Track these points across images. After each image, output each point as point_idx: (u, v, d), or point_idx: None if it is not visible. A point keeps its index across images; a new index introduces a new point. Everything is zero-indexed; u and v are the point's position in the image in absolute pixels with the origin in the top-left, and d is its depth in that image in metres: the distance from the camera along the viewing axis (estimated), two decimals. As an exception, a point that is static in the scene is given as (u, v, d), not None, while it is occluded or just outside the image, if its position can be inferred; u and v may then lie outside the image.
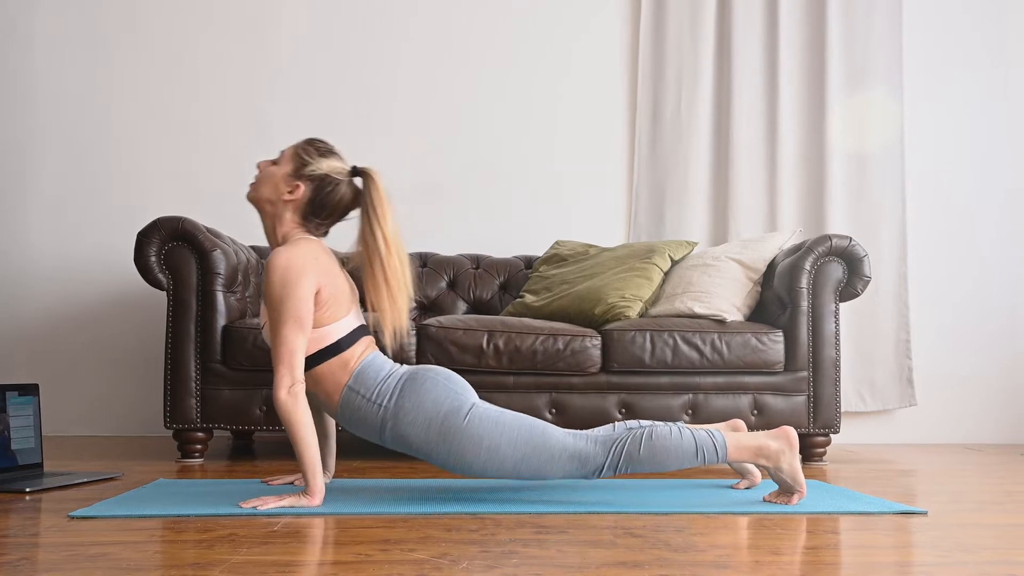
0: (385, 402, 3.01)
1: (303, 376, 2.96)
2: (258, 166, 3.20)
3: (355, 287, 3.16)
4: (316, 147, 3.16)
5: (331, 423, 3.38)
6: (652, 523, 2.74)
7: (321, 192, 3.11)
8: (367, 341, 3.13)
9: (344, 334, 3.06)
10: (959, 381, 5.52)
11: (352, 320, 3.10)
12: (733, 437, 3.03)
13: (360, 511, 2.84)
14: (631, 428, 3.01)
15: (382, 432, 3.03)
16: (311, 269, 2.98)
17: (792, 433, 3.06)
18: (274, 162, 3.17)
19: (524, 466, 2.98)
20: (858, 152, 5.44)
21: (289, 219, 3.13)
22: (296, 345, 2.94)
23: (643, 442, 2.96)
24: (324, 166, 3.12)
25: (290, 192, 3.10)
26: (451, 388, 3.03)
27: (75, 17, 5.34)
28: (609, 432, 3.02)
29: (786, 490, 3.09)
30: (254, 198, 3.17)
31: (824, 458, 4.39)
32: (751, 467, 3.41)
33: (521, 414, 3.06)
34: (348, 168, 3.17)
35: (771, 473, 3.08)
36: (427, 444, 3.00)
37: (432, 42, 5.47)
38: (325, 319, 3.03)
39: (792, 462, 3.04)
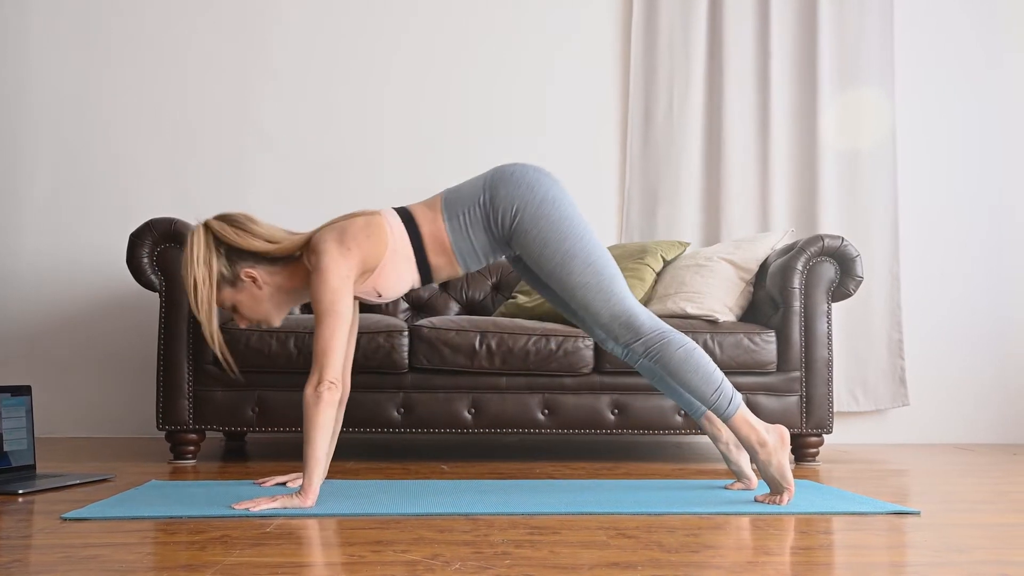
0: (480, 199, 3.13)
1: (336, 377, 2.97)
2: (241, 324, 3.31)
3: (369, 211, 3.19)
4: (201, 265, 3.15)
5: (338, 426, 3.41)
6: (645, 523, 2.74)
7: (245, 256, 3.15)
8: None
9: (398, 215, 3.17)
10: (952, 381, 5.53)
11: (391, 210, 3.19)
12: (746, 409, 3.12)
13: (353, 512, 2.84)
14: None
15: (493, 225, 3.14)
16: (338, 260, 3.04)
17: (784, 432, 3.13)
18: (235, 310, 3.25)
19: (581, 292, 3.10)
20: (850, 152, 5.45)
21: (282, 274, 3.21)
22: (329, 343, 2.98)
23: (685, 345, 3.11)
24: (211, 259, 3.14)
25: (253, 281, 3.17)
26: (543, 177, 3.16)
27: (68, 17, 5.33)
28: (665, 324, 3.17)
29: (775, 489, 3.11)
30: (276, 317, 3.28)
31: (817, 458, 4.39)
32: (748, 471, 3.42)
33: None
34: (205, 237, 3.16)
35: (760, 468, 3.10)
36: (522, 222, 3.10)
37: (424, 43, 5.47)
38: (381, 233, 3.11)
39: (782, 459, 3.08)
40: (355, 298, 3.22)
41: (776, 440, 3.09)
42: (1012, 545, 2.55)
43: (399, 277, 3.16)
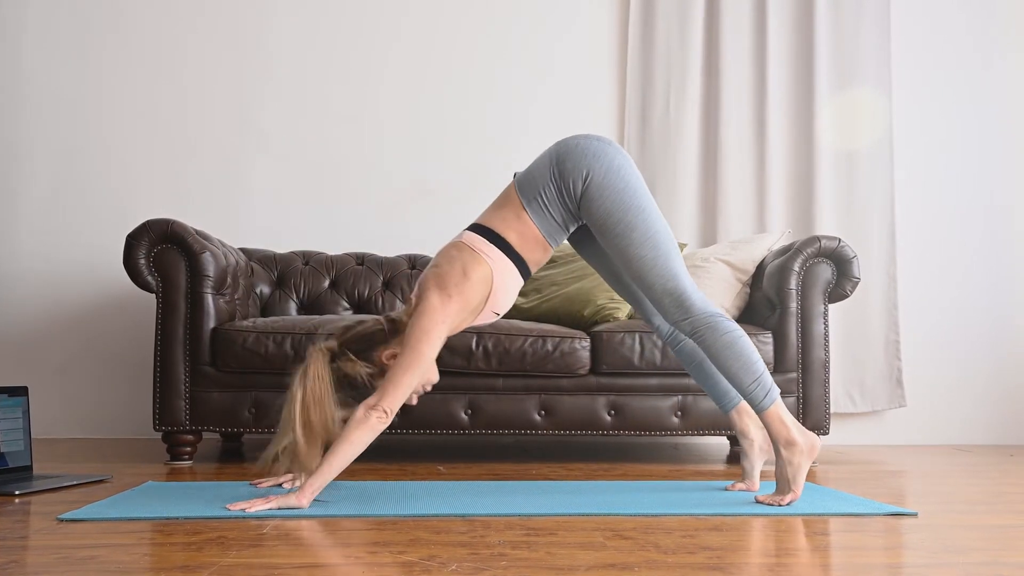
0: (551, 175, 3.16)
1: (393, 410, 2.98)
2: (413, 401, 3.24)
3: (458, 246, 3.19)
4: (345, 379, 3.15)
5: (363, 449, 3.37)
6: (642, 525, 2.74)
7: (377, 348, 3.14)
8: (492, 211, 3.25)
9: (481, 235, 3.17)
10: (949, 382, 5.53)
11: (476, 233, 3.19)
12: (782, 406, 3.13)
13: (349, 513, 2.84)
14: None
15: (567, 197, 3.16)
16: (436, 306, 3.05)
17: (816, 442, 3.14)
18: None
19: (638, 264, 3.12)
20: (847, 153, 5.45)
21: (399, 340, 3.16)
22: (401, 377, 2.99)
23: (734, 331, 3.12)
24: (350, 367, 3.13)
25: (395, 356, 3.12)
26: (606, 147, 3.19)
27: (65, 19, 5.33)
28: (717, 308, 3.18)
29: (782, 490, 3.10)
30: (434, 370, 3.25)
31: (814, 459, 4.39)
32: (755, 476, 3.43)
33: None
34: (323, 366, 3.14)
35: (778, 465, 3.10)
36: (590, 189, 3.12)
37: (419, 45, 5.47)
38: (482, 270, 3.12)
39: (802, 464, 3.10)
40: (474, 328, 3.23)
41: (805, 445, 3.10)
42: (1009, 546, 2.55)
43: (509, 290, 3.20)
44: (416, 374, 3.00)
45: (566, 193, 3.14)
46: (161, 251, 4.10)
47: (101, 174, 5.31)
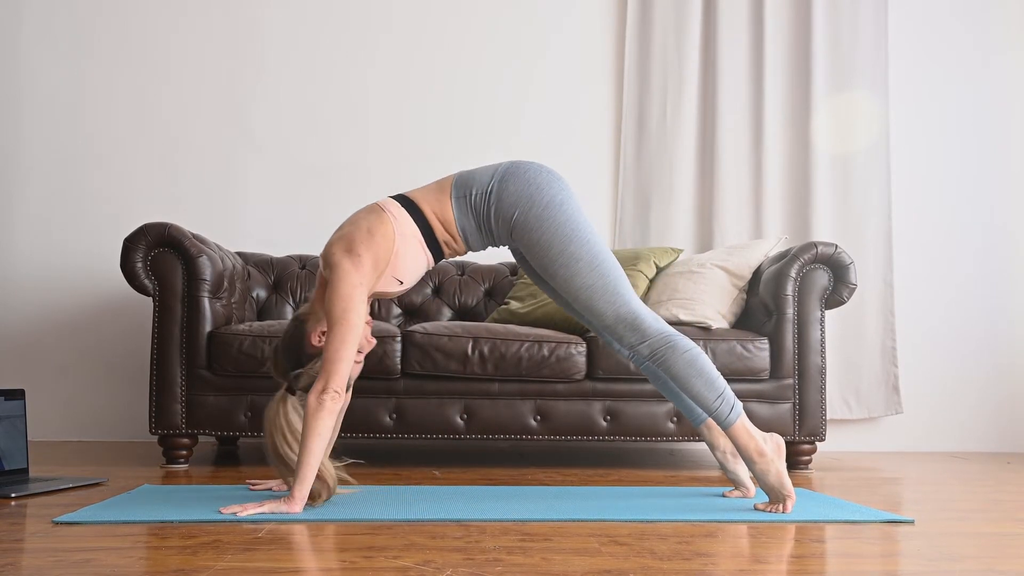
0: (489, 187, 3.15)
1: (341, 387, 2.96)
2: (364, 353, 3.29)
3: (369, 207, 3.21)
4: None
5: (335, 435, 3.36)
6: (637, 531, 2.74)
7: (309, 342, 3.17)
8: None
9: (398, 201, 3.19)
10: (945, 388, 5.52)
11: (393, 199, 3.21)
12: (746, 418, 3.13)
13: (344, 518, 2.84)
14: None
15: (493, 219, 3.15)
16: (349, 270, 3.04)
17: (780, 441, 3.16)
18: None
19: (586, 294, 3.11)
20: (844, 158, 5.45)
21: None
22: (338, 352, 2.97)
23: (690, 350, 3.12)
24: (306, 379, 3.17)
25: (319, 346, 3.14)
26: (554, 181, 3.17)
27: (60, 24, 5.33)
28: (670, 327, 3.17)
29: (775, 498, 3.10)
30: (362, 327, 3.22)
31: (810, 466, 4.39)
32: (746, 479, 3.42)
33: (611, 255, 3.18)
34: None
35: (759, 477, 3.10)
36: (526, 225, 3.12)
37: (412, 49, 5.46)
38: (385, 228, 3.11)
39: (780, 468, 3.10)
40: (379, 295, 3.21)
41: (773, 449, 3.10)
42: (1005, 554, 2.55)
43: (414, 259, 3.17)
44: (351, 344, 2.98)
45: (495, 215, 3.15)
46: (158, 255, 4.10)
47: (97, 178, 5.31)
